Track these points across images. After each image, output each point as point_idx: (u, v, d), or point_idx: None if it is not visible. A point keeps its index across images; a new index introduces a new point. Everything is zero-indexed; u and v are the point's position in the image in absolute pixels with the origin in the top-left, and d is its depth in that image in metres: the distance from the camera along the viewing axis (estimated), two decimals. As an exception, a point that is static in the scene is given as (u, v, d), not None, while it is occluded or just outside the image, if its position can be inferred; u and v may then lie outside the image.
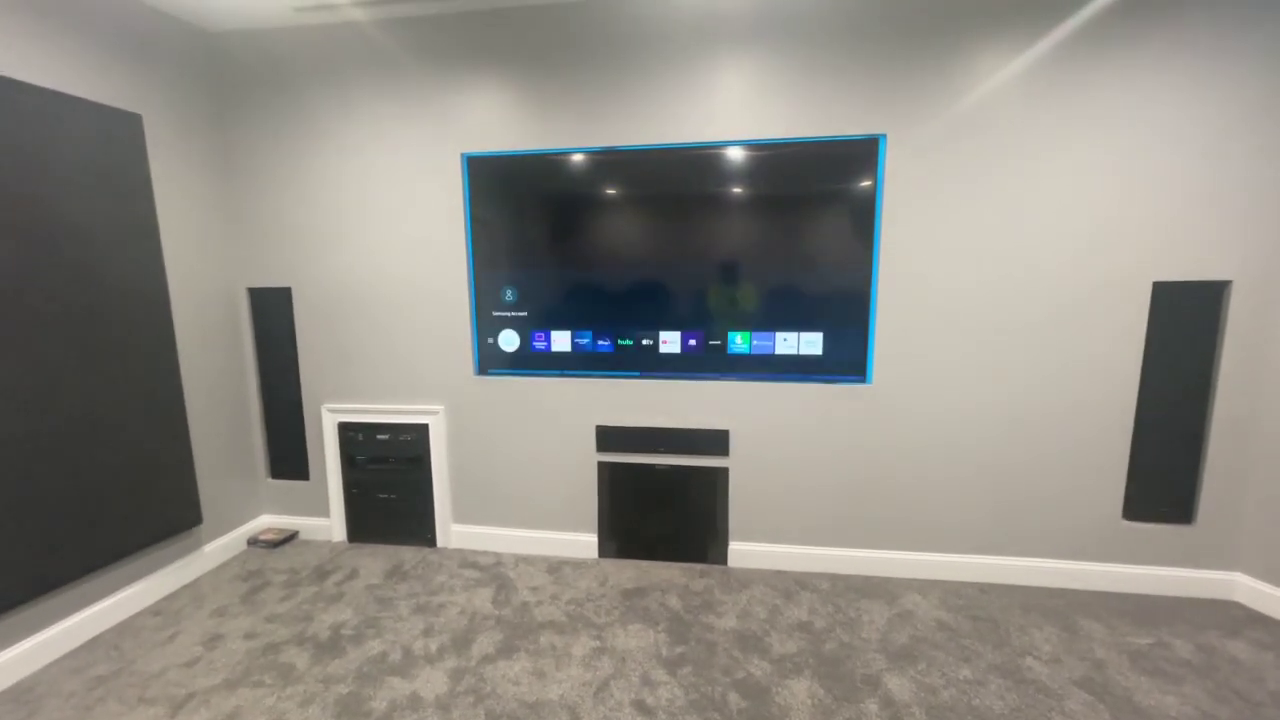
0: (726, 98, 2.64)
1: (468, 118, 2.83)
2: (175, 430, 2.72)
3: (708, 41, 2.61)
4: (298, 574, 2.91)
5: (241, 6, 2.67)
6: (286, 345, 3.20)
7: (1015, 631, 2.38)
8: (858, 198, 2.65)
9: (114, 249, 2.43)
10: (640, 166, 2.78)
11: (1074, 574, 2.70)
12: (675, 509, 2.99)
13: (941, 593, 2.68)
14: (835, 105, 2.57)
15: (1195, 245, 2.43)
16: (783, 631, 2.40)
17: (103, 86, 2.43)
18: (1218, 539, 2.59)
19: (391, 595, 2.70)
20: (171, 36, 2.74)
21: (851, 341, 2.74)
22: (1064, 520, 2.69)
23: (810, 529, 2.89)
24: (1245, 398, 2.48)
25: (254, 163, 3.03)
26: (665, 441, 2.93)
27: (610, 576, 2.86)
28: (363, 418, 3.17)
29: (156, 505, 2.63)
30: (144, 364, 2.56)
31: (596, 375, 2.95)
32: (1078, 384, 2.59)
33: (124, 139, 2.48)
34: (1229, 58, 2.30)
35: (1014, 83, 2.44)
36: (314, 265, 3.08)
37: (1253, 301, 2.42)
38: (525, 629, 2.43)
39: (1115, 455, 2.61)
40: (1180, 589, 2.63)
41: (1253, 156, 2.34)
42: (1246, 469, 2.52)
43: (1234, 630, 2.38)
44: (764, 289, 2.77)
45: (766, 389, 2.82)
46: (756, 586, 2.75)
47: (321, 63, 2.89)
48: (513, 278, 2.96)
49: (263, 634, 2.41)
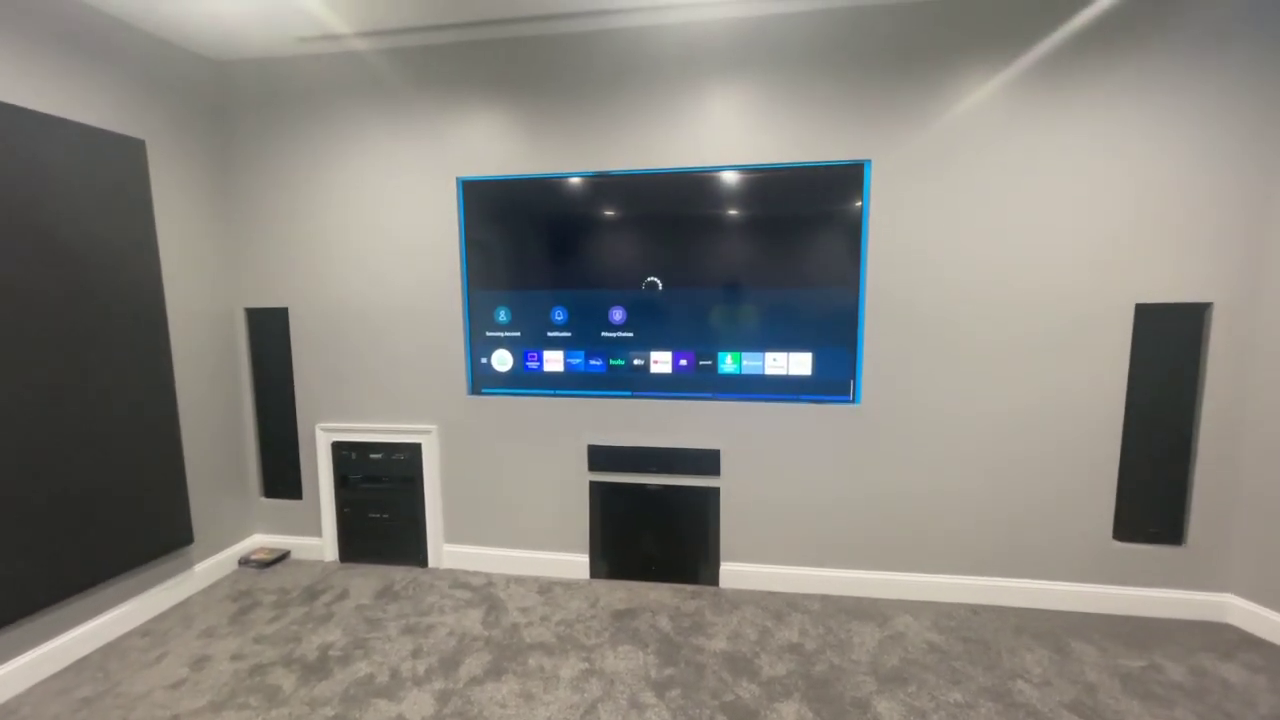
0: (714, 124, 2.71)
1: (463, 142, 2.90)
2: (169, 449, 2.74)
3: (696, 70, 2.69)
4: (288, 594, 2.90)
5: (246, 37, 2.76)
6: (282, 365, 3.23)
7: (1006, 653, 2.37)
8: (845, 221, 2.70)
9: (113, 270, 2.47)
10: (631, 190, 2.84)
11: (1065, 595, 2.69)
12: (667, 529, 2.99)
13: (933, 614, 2.67)
14: (821, 131, 2.64)
15: (1176, 268, 2.47)
16: (773, 653, 2.39)
17: (108, 113, 2.50)
18: (1209, 560, 2.58)
19: (381, 616, 2.69)
20: (177, 65, 2.83)
21: (840, 362, 2.77)
22: (1055, 541, 2.69)
23: (801, 549, 2.88)
24: (1230, 419, 2.50)
25: (254, 185, 3.10)
26: (657, 461, 2.94)
27: (601, 597, 2.85)
28: (356, 437, 3.18)
29: (148, 525, 2.63)
30: (140, 383, 2.59)
31: (589, 395, 2.98)
32: (1064, 405, 2.61)
33: (127, 163, 2.54)
34: (1205, 82, 2.37)
35: (995, 109, 2.51)
36: (311, 286, 3.13)
37: (1233, 323, 2.46)
38: (514, 650, 2.42)
39: (1103, 476, 2.62)
40: (1172, 611, 2.62)
41: (1231, 180, 2.40)
42: (1235, 490, 2.53)
43: (1226, 653, 2.37)
44: (753, 310, 2.81)
45: (757, 409, 2.84)
46: (747, 608, 2.74)
47: (321, 90, 2.97)
48: (506, 298, 3.00)
49: (250, 655, 2.40)
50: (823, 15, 2.56)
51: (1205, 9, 2.34)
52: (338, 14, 2.53)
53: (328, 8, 2.47)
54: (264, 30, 2.68)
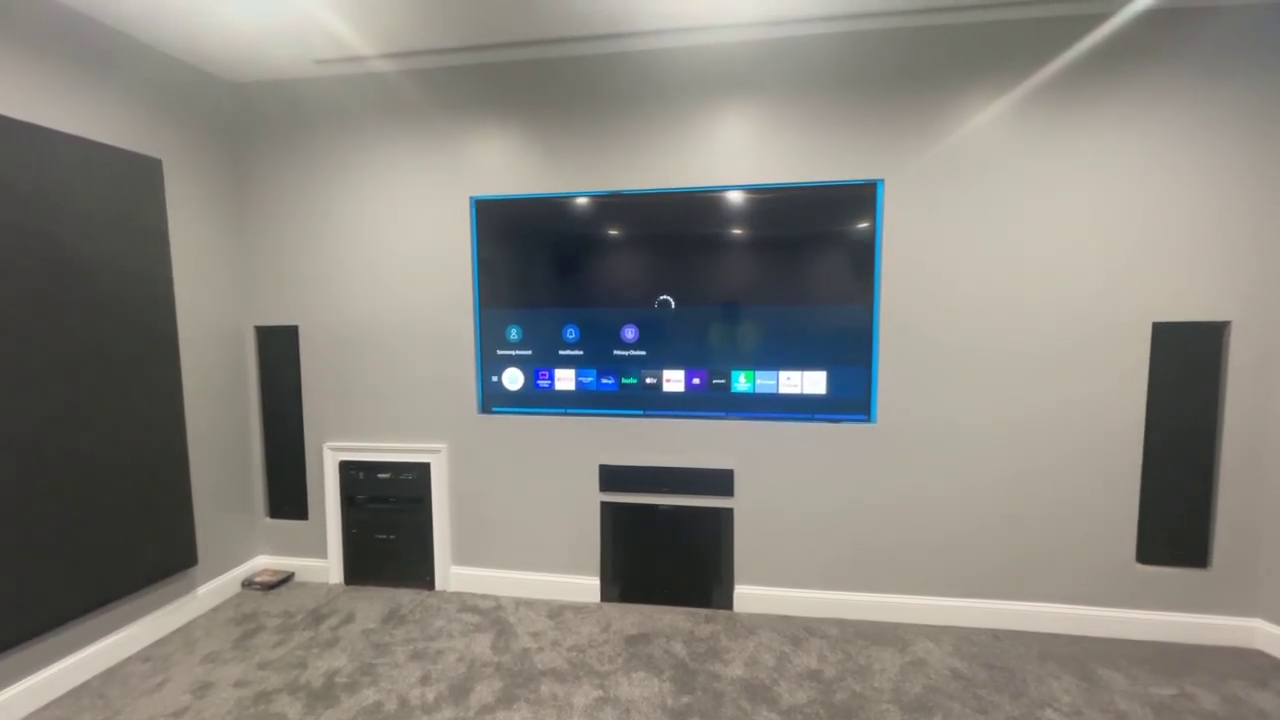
0: (727, 144, 2.73)
1: (477, 162, 2.92)
2: (175, 469, 2.70)
3: (709, 92, 2.71)
4: (292, 617, 2.83)
5: (264, 59, 2.79)
6: (291, 382, 3.20)
7: (1033, 681, 2.30)
8: (858, 240, 2.70)
9: (127, 288, 2.47)
10: (644, 209, 2.85)
11: (1090, 620, 2.62)
12: (680, 551, 2.93)
13: (954, 639, 2.60)
14: (833, 152, 2.65)
15: (1193, 286, 2.46)
16: (791, 680, 2.32)
17: (126, 133, 2.51)
18: (1235, 584, 2.53)
19: (388, 641, 2.62)
20: (195, 86, 2.86)
21: (855, 381, 2.75)
22: (1077, 564, 2.63)
23: (817, 572, 2.82)
24: (1253, 440, 2.47)
25: (268, 204, 3.11)
26: (669, 481, 2.90)
27: (613, 622, 2.78)
28: (364, 456, 3.15)
29: (151, 547, 2.58)
30: (148, 401, 2.56)
31: (600, 413, 2.95)
32: (1083, 425, 2.58)
33: (144, 182, 2.56)
34: (1212, 102, 2.39)
35: (1005, 129, 2.53)
36: (322, 303, 3.12)
37: (1253, 341, 2.44)
38: (526, 677, 2.35)
39: (1125, 497, 2.58)
40: (1199, 636, 2.55)
41: (1242, 198, 2.40)
42: (1260, 512, 2.49)
43: (1260, 680, 2.30)
44: (767, 328, 2.80)
45: (771, 428, 2.81)
46: (763, 632, 2.67)
47: (336, 111, 3.00)
48: (518, 316, 2.99)
49: (254, 682, 2.33)
50: (835, 39, 2.59)
51: (1211, 29, 2.37)
52: (359, 34, 2.56)
53: (350, 28, 2.50)
54: (282, 52, 2.71)
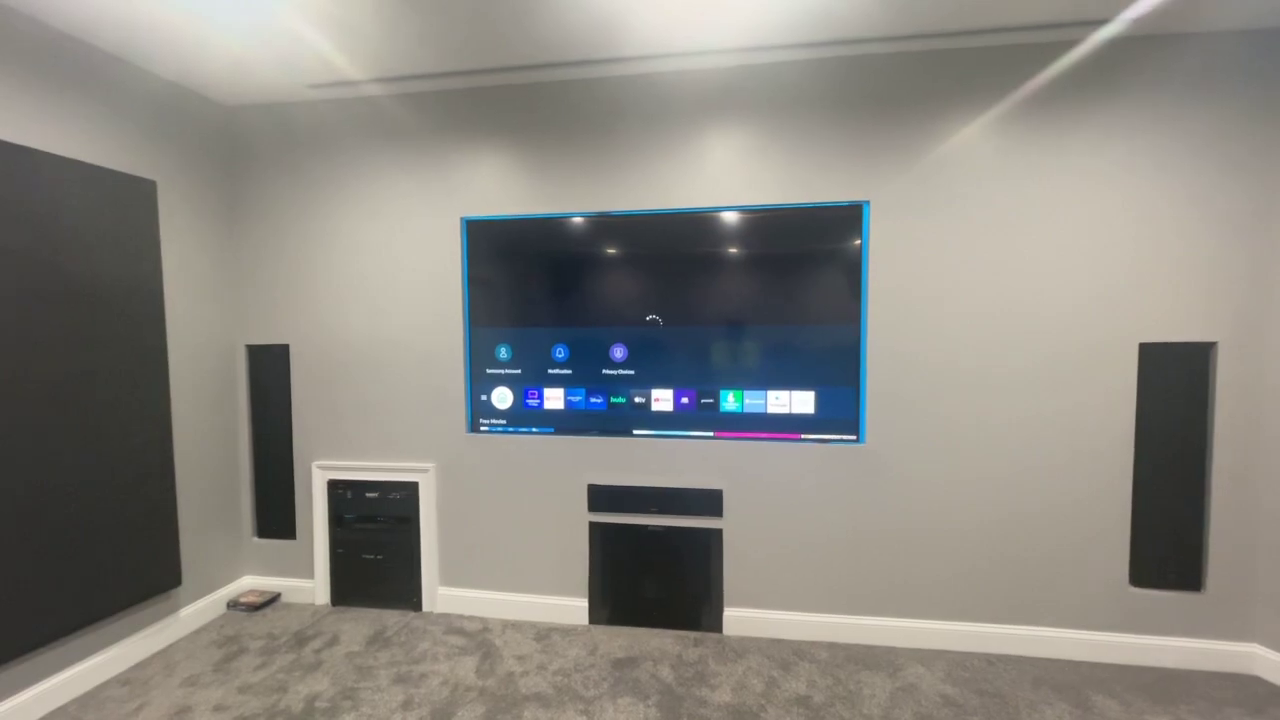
0: (715, 166, 2.76)
1: (468, 183, 2.95)
2: (162, 488, 2.69)
3: (697, 114, 2.75)
4: (276, 640, 2.79)
5: (257, 83, 2.84)
6: (281, 401, 3.20)
7: (1025, 709, 2.26)
8: (845, 260, 2.72)
9: (118, 307, 2.48)
10: (632, 230, 2.87)
11: (1083, 644, 2.58)
12: (668, 572, 2.90)
13: (946, 664, 2.56)
14: (820, 173, 2.68)
15: (1177, 307, 2.47)
16: (780, 706, 2.28)
17: (121, 155, 2.55)
18: (1230, 608, 2.49)
19: (372, 664, 2.59)
20: (189, 109, 2.90)
21: (844, 401, 2.74)
22: (1070, 587, 2.60)
23: (807, 594, 2.79)
24: (1243, 461, 2.45)
25: (261, 225, 3.14)
26: (658, 501, 2.88)
27: (600, 645, 2.74)
28: (353, 475, 3.13)
29: (134, 567, 2.56)
30: (137, 421, 2.56)
31: (589, 434, 2.94)
32: (1073, 445, 2.56)
33: (137, 204, 2.58)
34: (1197, 121, 2.41)
35: (990, 150, 2.55)
36: (313, 322, 3.13)
37: (1239, 362, 2.44)
38: (509, 702, 2.31)
39: (1116, 518, 2.55)
40: (1195, 661, 2.51)
41: (1227, 218, 2.42)
42: (1253, 535, 2.46)
43: (1257, 708, 2.26)
44: (755, 348, 2.80)
45: (760, 448, 2.79)
46: (753, 656, 2.63)
47: (329, 134, 3.04)
48: (507, 336, 3.00)
49: (233, 706, 2.29)
50: (819, 63, 2.63)
51: (1195, 50, 2.40)
52: (350, 60, 2.60)
53: (342, 54, 2.54)
54: (275, 76, 2.76)
